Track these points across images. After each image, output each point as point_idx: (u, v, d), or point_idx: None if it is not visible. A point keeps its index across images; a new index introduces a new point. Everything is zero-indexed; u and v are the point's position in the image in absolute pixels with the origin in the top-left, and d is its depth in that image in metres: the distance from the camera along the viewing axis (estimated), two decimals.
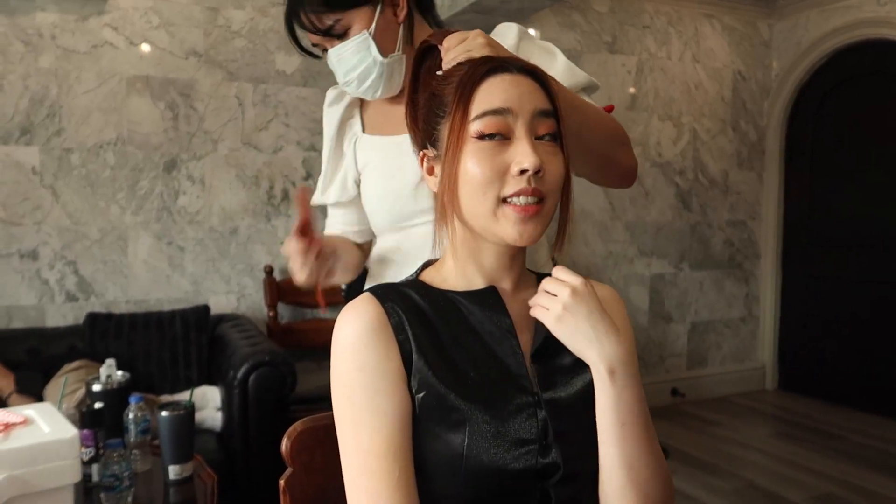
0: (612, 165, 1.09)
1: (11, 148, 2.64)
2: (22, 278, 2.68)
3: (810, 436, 3.51)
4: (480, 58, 0.82)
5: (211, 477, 1.67)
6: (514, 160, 0.75)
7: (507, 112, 0.76)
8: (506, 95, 0.76)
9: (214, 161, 2.96)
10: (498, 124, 0.76)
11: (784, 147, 4.30)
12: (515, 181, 0.75)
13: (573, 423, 0.78)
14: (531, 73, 0.80)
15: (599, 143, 1.04)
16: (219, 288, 2.98)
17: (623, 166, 1.10)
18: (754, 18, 4.24)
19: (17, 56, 2.64)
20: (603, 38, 3.76)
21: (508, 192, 0.75)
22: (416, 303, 0.80)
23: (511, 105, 0.76)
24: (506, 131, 0.76)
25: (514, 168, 0.75)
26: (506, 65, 0.79)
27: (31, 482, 1.23)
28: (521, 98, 0.77)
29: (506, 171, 0.75)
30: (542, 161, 0.75)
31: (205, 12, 2.91)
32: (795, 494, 2.81)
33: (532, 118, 0.77)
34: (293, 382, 2.37)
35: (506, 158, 0.76)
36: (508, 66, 0.79)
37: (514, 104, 0.76)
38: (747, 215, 4.32)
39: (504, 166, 0.75)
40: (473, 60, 0.82)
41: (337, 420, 0.77)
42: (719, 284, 4.25)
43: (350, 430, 0.75)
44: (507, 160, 0.76)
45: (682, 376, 4.10)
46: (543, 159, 0.76)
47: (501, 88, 0.77)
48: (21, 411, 1.39)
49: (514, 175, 0.75)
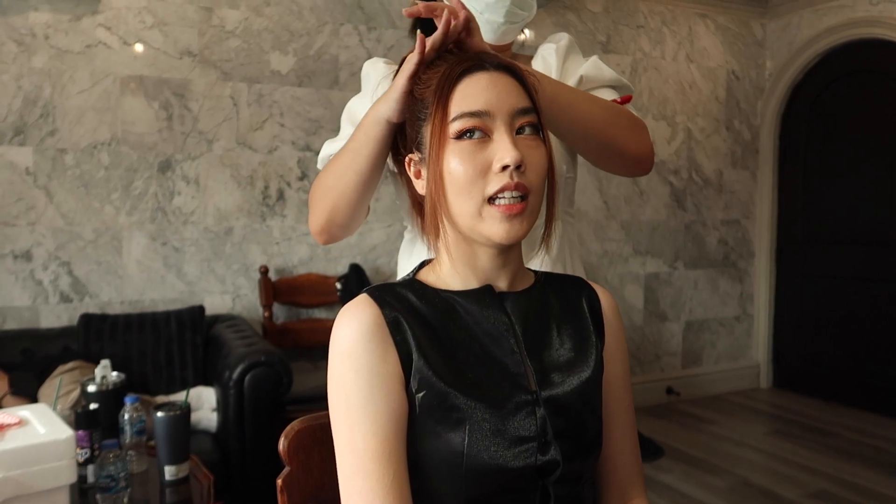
0: (614, 151, 1.08)
1: (5, 148, 2.63)
2: (16, 279, 2.67)
3: (805, 433, 3.53)
4: (457, 57, 0.82)
5: (207, 477, 1.67)
6: (495, 157, 0.76)
7: (484, 114, 0.76)
8: (484, 97, 0.77)
9: (209, 161, 2.95)
10: (476, 124, 0.76)
11: (778, 146, 4.32)
12: (498, 178, 0.76)
13: (572, 421, 0.78)
14: (508, 69, 0.80)
15: (594, 128, 1.04)
16: (214, 288, 2.98)
17: (629, 153, 1.09)
18: (748, 18, 4.25)
19: (10, 56, 2.63)
20: (597, 38, 3.77)
21: (492, 189, 0.76)
22: (414, 303, 0.80)
23: (489, 107, 0.77)
24: (485, 129, 0.77)
25: (495, 164, 0.76)
26: (482, 63, 0.79)
27: (27, 483, 1.23)
28: (498, 98, 0.77)
29: (488, 168, 0.76)
30: (523, 155, 0.76)
31: (199, 12, 2.91)
32: (790, 491, 2.82)
33: (510, 118, 0.77)
34: (289, 382, 2.37)
35: (487, 156, 0.76)
36: (485, 64, 0.79)
37: (491, 106, 0.77)
38: (741, 214, 4.33)
39: (486, 164, 0.76)
40: (451, 60, 0.82)
41: (333, 421, 0.77)
42: (714, 283, 4.26)
43: (345, 431, 0.75)
44: (488, 157, 0.76)
45: (677, 375, 4.11)
46: (524, 153, 0.76)
47: (480, 88, 0.77)
48: (16, 412, 1.39)
49: (496, 172, 0.76)
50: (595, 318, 0.87)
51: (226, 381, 2.31)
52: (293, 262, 3.12)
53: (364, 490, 0.73)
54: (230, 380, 2.29)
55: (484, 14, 1.12)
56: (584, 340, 0.85)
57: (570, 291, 0.89)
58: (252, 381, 2.30)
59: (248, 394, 2.29)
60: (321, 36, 3.13)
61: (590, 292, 0.90)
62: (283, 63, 3.06)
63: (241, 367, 2.30)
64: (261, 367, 2.31)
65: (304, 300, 3.07)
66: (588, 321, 0.87)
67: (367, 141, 0.94)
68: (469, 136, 0.76)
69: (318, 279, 3.11)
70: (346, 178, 1.00)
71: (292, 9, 3.07)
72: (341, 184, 1.01)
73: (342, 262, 3.19)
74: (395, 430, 0.74)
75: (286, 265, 3.10)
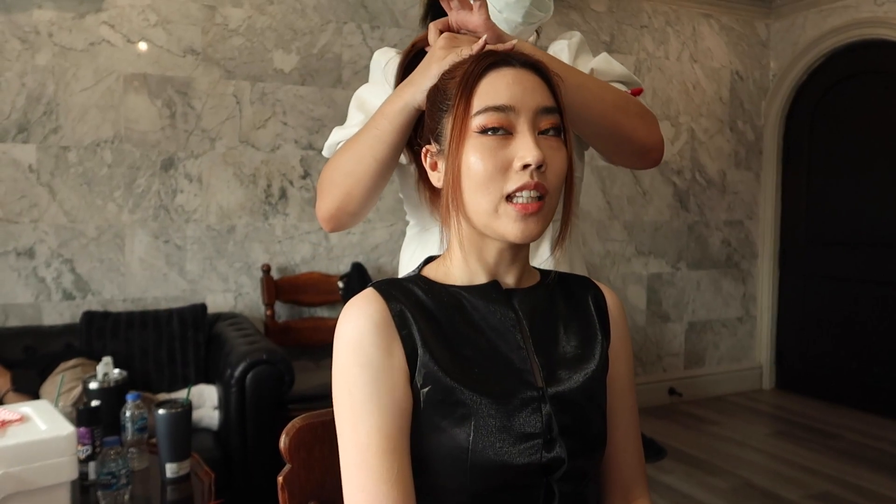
0: (623, 138, 1.06)
1: (8, 146, 2.63)
2: (18, 276, 2.67)
3: (807, 434, 3.52)
4: (483, 51, 0.82)
5: (208, 475, 1.67)
6: (516, 155, 0.75)
7: (508, 109, 0.76)
8: (508, 92, 0.76)
9: (212, 159, 2.95)
10: (500, 119, 0.76)
11: (781, 147, 4.31)
12: (518, 176, 0.75)
13: (577, 418, 0.78)
14: (534, 66, 0.80)
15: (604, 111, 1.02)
16: (216, 286, 2.98)
17: (638, 140, 1.06)
18: (752, 18, 4.24)
19: (14, 53, 2.63)
20: (601, 38, 3.77)
21: (511, 187, 0.75)
22: (420, 298, 0.80)
23: (513, 103, 0.76)
24: (508, 126, 0.76)
25: (516, 163, 0.75)
26: (508, 59, 0.79)
27: (28, 479, 1.23)
28: (523, 95, 0.77)
29: (508, 166, 0.75)
30: (544, 155, 0.75)
31: (202, 10, 2.91)
32: (792, 493, 2.81)
33: (534, 115, 0.77)
34: (290, 381, 2.37)
35: (508, 154, 0.76)
36: (511, 59, 0.79)
37: (516, 102, 0.76)
38: (745, 215, 4.32)
39: (507, 161, 0.75)
40: (476, 54, 0.82)
41: (336, 415, 0.77)
42: (717, 284, 4.25)
43: (349, 425, 0.75)
44: (509, 155, 0.76)
45: (680, 376, 4.11)
46: (546, 154, 0.76)
47: (504, 84, 0.77)
48: (17, 409, 1.39)
49: (516, 170, 0.75)
50: (601, 316, 0.87)
51: (227, 380, 2.31)
52: (295, 260, 3.12)
53: (366, 485, 0.73)
54: (232, 378, 2.29)
55: (503, 13, 1.12)
56: (590, 338, 0.85)
57: (577, 290, 0.89)
58: (254, 379, 2.30)
59: (249, 392, 2.29)
60: (324, 34, 3.13)
61: (596, 292, 0.90)
62: (287, 61, 3.06)
63: (243, 365, 2.29)
64: (262, 365, 2.31)
65: (307, 299, 3.07)
66: (594, 319, 0.87)
67: (392, 129, 0.93)
68: (491, 132, 0.76)
69: (320, 278, 3.11)
70: (364, 164, 0.98)
71: (296, 7, 3.07)
72: (359, 170, 0.99)
73: (344, 261, 3.19)
74: (399, 424, 0.74)
75: (288, 263, 3.10)
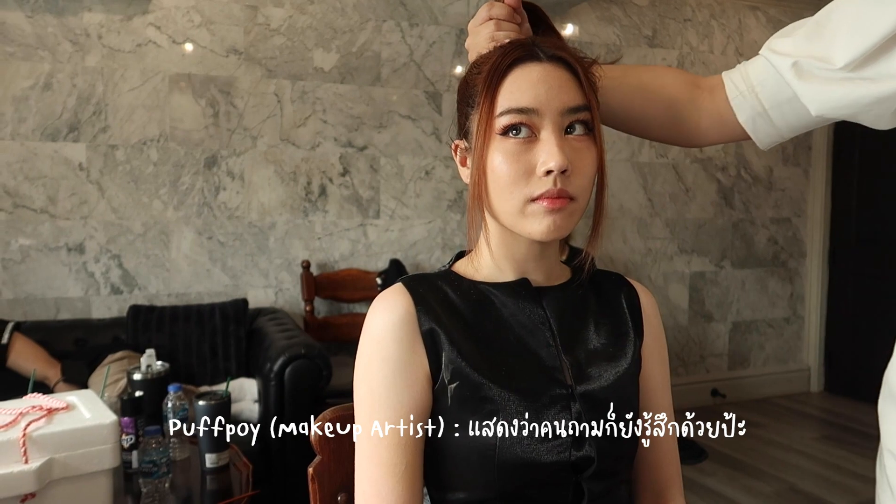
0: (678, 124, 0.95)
1: (60, 144, 2.73)
2: (69, 271, 2.76)
3: (856, 439, 3.40)
4: (509, 44, 0.78)
5: (246, 466, 1.70)
6: (539, 160, 0.73)
7: (531, 112, 0.73)
8: (533, 92, 0.73)
9: (253, 157, 3.00)
10: (523, 121, 0.73)
11: (832, 142, 4.17)
12: (541, 182, 0.73)
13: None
14: (563, 60, 0.76)
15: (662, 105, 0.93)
16: (257, 282, 3.03)
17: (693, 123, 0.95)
18: (801, 10, 4.11)
19: (66, 55, 2.72)
20: (643, 32, 3.70)
21: (535, 193, 0.73)
22: (448, 294, 0.80)
23: (537, 105, 0.73)
24: (532, 127, 0.74)
25: (539, 168, 0.73)
26: (535, 52, 0.75)
27: (72, 465, 1.27)
28: (548, 94, 0.73)
29: (532, 170, 0.73)
30: (569, 160, 0.72)
31: (244, 10, 2.96)
32: (840, 499, 2.72)
33: (560, 116, 0.74)
34: (328, 375, 2.39)
35: (532, 158, 0.73)
36: (538, 53, 0.75)
37: (540, 103, 0.73)
38: (792, 212, 4.20)
39: (530, 166, 0.73)
40: (503, 46, 0.78)
41: (356, 405, 0.78)
42: (762, 283, 4.14)
43: (366, 416, 0.76)
44: (533, 160, 0.73)
45: (723, 377, 4.02)
46: (571, 157, 0.73)
47: (530, 82, 0.74)
48: (63, 398, 1.43)
49: (540, 175, 0.73)
50: (634, 314, 0.85)
51: (267, 373, 2.35)
52: (334, 257, 3.15)
53: (375, 476, 0.74)
54: (271, 372, 2.33)
55: None
56: (622, 336, 0.83)
57: (608, 287, 0.87)
58: (292, 373, 2.33)
59: (288, 386, 2.33)
60: (364, 33, 3.15)
61: (629, 289, 0.88)
62: (326, 60, 3.10)
63: (282, 359, 2.33)
64: (301, 359, 2.34)
65: (345, 295, 3.10)
66: (626, 317, 0.85)
67: None
68: (515, 133, 0.73)
69: (358, 274, 3.13)
70: None
71: (335, 6, 3.10)
72: None
73: (383, 258, 3.21)
74: (415, 420, 0.74)
75: (327, 260, 3.14)
